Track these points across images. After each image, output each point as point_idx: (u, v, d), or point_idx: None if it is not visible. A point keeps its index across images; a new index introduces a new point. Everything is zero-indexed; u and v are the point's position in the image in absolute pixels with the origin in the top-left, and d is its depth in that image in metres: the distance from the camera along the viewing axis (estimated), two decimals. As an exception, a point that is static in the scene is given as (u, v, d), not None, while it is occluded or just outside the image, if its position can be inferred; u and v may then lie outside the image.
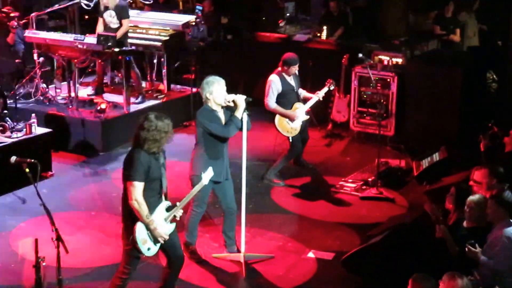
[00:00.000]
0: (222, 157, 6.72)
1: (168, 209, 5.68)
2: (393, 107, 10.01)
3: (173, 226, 5.72)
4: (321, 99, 8.82)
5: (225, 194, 6.87)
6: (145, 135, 5.44)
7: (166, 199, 5.73)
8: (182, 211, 5.73)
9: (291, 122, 8.58)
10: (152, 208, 5.55)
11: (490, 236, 5.88)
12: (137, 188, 5.44)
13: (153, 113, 5.59)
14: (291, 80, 8.64)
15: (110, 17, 10.18)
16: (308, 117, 8.82)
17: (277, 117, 8.57)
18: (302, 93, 8.80)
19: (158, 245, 5.64)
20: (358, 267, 6.66)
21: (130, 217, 5.54)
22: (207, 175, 5.95)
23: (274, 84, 8.55)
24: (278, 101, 8.54)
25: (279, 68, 8.61)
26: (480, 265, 5.75)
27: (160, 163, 5.57)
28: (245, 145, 6.73)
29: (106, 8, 10.17)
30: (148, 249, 5.59)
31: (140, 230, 5.50)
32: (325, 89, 8.82)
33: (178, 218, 5.70)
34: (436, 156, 8.69)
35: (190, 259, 6.89)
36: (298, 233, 7.56)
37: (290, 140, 8.69)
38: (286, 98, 8.60)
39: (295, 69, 8.59)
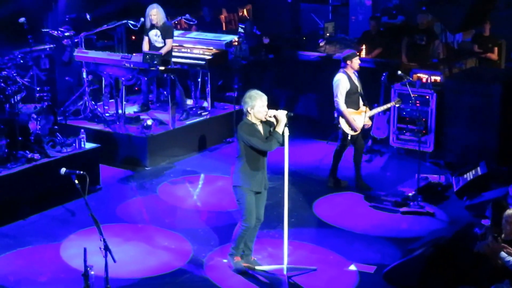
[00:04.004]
0: (263, 169, 6.82)
1: None
2: (432, 123, 10.11)
3: None
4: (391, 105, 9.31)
5: (258, 205, 6.92)
6: None
7: None
8: None
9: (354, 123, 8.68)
10: None
11: None
12: None
13: None
14: (356, 80, 8.68)
15: (155, 36, 10.41)
16: (370, 123, 8.97)
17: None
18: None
19: None
20: (400, 280, 6.73)
21: None
22: None
23: (341, 82, 8.51)
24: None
25: (342, 69, 8.64)
26: None
27: None
28: (287, 160, 6.79)
29: (152, 27, 10.40)
30: None
31: None
32: (391, 104, 9.24)
33: None
34: (475, 172, 8.75)
35: (234, 271, 7.00)
36: (339, 246, 7.60)
37: (340, 136, 8.78)
38: (351, 98, 8.60)
39: (357, 61, 8.63)
